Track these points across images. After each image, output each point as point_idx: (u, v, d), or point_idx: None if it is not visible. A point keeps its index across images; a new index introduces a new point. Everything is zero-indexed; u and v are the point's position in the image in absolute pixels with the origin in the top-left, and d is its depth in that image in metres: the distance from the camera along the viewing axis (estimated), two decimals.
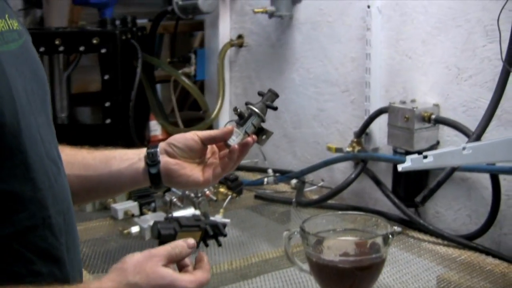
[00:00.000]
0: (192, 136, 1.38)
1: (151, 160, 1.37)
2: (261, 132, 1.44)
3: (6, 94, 1.03)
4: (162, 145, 1.39)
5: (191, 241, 1.16)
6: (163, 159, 1.37)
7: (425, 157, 1.53)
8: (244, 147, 1.39)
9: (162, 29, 3.10)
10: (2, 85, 1.03)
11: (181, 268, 1.16)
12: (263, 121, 1.42)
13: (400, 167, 1.55)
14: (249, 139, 1.38)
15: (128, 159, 1.38)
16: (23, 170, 1.06)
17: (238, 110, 1.42)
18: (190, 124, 3.06)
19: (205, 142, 1.38)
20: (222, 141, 1.39)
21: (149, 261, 1.09)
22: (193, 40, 3.63)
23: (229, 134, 1.38)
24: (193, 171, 1.38)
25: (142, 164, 1.37)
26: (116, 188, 1.45)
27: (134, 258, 1.09)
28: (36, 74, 1.17)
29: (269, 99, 1.43)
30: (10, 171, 1.04)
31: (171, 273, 1.09)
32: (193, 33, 3.58)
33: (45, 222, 1.09)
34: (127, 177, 1.39)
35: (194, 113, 3.28)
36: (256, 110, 1.40)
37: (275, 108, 1.43)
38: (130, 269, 1.07)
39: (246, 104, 1.44)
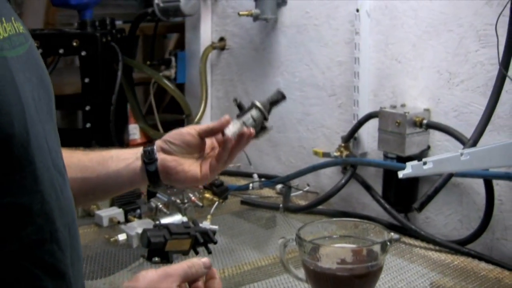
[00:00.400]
0: (189, 130, 1.39)
1: (148, 158, 1.38)
2: (261, 128, 1.44)
3: (15, 104, 1.00)
4: (158, 142, 1.40)
5: (207, 261, 1.14)
6: (160, 156, 1.38)
7: (425, 163, 1.53)
8: (240, 139, 1.39)
9: (140, 31, 3.07)
10: (12, 94, 1.00)
11: (191, 284, 1.15)
12: (265, 118, 1.42)
13: (400, 174, 1.54)
14: (245, 129, 1.39)
15: (125, 158, 1.39)
16: (32, 182, 1.03)
17: (238, 100, 1.42)
18: (168, 126, 3.04)
19: (202, 135, 1.39)
20: (219, 132, 1.39)
21: (164, 281, 1.07)
22: (167, 42, 3.62)
23: (226, 124, 1.38)
24: (191, 167, 1.39)
25: (139, 163, 1.38)
26: (115, 188, 1.45)
27: (147, 277, 1.08)
28: (42, 79, 1.15)
29: (274, 97, 1.43)
30: (19, 183, 1.01)
31: None
32: (167, 35, 3.57)
33: (52, 236, 1.06)
34: (125, 177, 1.39)
35: (171, 115, 3.26)
36: (257, 103, 1.40)
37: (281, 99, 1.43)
38: None
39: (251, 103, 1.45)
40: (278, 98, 1.46)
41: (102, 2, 3.00)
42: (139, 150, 1.39)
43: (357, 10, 2.22)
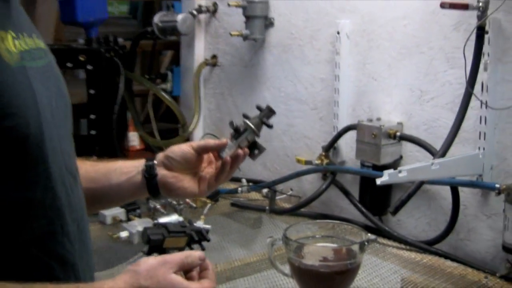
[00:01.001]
0: (188, 147, 1.37)
1: (149, 174, 1.35)
2: (254, 147, 1.43)
3: (31, 106, 1.02)
4: (160, 157, 1.37)
5: (202, 254, 1.15)
6: (161, 172, 1.35)
7: (400, 172, 1.56)
8: (236, 159, 1.38)
9: (138, 47, 3.08)
10: (29, 99, 1.02)
11: (186, 274, 1.15)
12: (257, 136, 1.42)
13: (378, 181, 1.57)
14: (240, 151, 1.38)
15: (127, 172, 1.37)
16: (45, 179, 1.05)
17: (234, 124, 1.41)
18: (164, 134, 3.05)
19: (199, 151, 1.37)
20: (215, 150, 1.38)
21: (162, 267, 1.08)
22: (162, 58, 3.62)
23: (223, 145, 1.37)
24: (190, 183, 1.37)
25: (140, 177, 1.36)
26: (117, 199, 1.43)
27: (148, 262, 1.08)
28: (60, 90, 1.16)
29: (266, 116, 1.42)
30: (33, 179, 1.03)
31: (181, 281, 1.07)
32: (161, 52, 3.57)
33: (63, 229, 1.08)
34: (127, 189, 1.37)
35: (167, 124, 3.26)
36: (252, 126, 1.39)
37: (271, 126, 1.42)
38: (143, 272, 1.06)
39: (244, 116, 1.43)
40: (270, 116, 1.45)
41: (106, 21, 3.00)
42: (142, 164, 1.37)
43: (338, 33, 2.24)
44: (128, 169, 1.37)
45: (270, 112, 1.43)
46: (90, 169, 1.35)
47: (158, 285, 1.05)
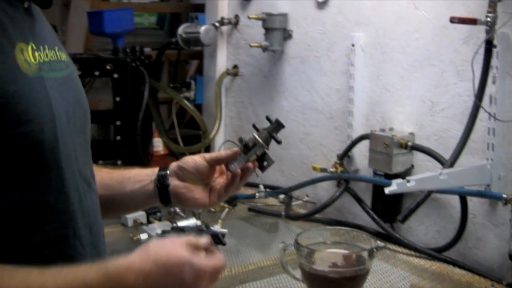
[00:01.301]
0: (200, 159, 1.35)
1: (161, 183, 1.33)
2: (263, 160, 1.41)
3: (47, 114, 1.03)
4: (173, 166, 1.35)
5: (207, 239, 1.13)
6: (173, 182, 1.33)
7: (408, 181, 1.54)
8: (245, 171, 1.35)
9: (164, 57, 3.08)
10: (44, 106, 1.03)
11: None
12: (266, 149, 1.39)
13: (387, 190, 1.55)
14: (249, 164, 1.35)
15: (140, 180, 1.35)
16: (59, 184, 1.05)
17: (244, 141, 1.37)
18: (187, 140, 3.05)
19: (211, 163, 1.35)
20: (225, 162, 1.37)
21: (171, 243, 1.06)
22: (188, 67, 3.63)
23: (234, 157, 1.35)
24: (201, 194, 1.35)
25: (152, 186, 1.34)
26: (131, 207, 1.42)
27: (157, 241, 1.07)
28: (79, 101, 1.16)
29: (275, 130, 1.39)
30: (47, 183, 1.03)
31: (190, 252, 1.05)
32: (188, 62, 3.58)
33: (75, 233, 1.08)
34: (139, 197, 1.36)
35: (190, 131, 3.26)
36: (260, 141, 1.36)
37: (279, 142, 1.39)
38: (154, 248, 1.04)
39: (254, 127, 1.40)
40: (279, 130, 1.42)
41: (134, 31, 3.01)
42: (155, 172, 1.35)
43: (353, 45, 2.22)
44: (141, 177, 1.36)
45: (278, 126, 1.40)
46: (106, 177, 1.35)
47: (168, 256, 1.03)
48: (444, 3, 1.92)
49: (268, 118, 1.41)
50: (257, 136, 1.36)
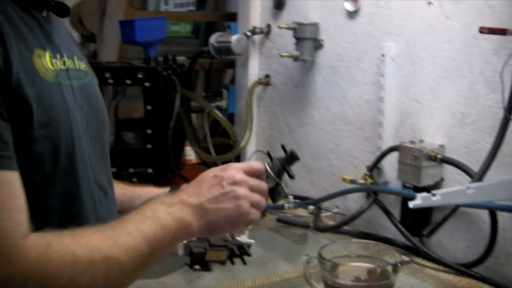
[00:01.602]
0: None
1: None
2: (275, 191, 1.39)
3: (64, 120, 1.05)
4: (184, 187, 1.34)
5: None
6: None
7: (434, 195, 1.51)
8: None
9: (198, 65, 3.09)
10: (61, 111, 1.05)
11: None
12: (278, 183, 1.37)
13: (411, 204, 1.52)
14: None
15: (150, 197, 1.35)
16: (73, 190, 1.07)
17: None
18: (220, 149, 3.05)
19: None
20: None
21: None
22: (224, 76, 3.64)
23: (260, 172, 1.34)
24: None
25: None
26: None
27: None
28: (95, 110, 1.18)
29: (289, 163, 1.37)
30: (62, 188, 1.04)
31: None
32: (224, 70, 3.58)
33: None
34: None
35: (224, 139, 3.26)
36: (273, 175, 1.35)
37: (292, 177, 1.37)
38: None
39: (268, 155, 1.38)
40: (292, 161, 1.40)
41: (169, 40, 3.03)
42: (165, 192, 1.37)
43: (383, 55, 2.20)
44: (151, 195, 1.37)
45: (293, 158, 1.38)
46: (119, 192, 1.36)
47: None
48: (474, 13, 1.89)
49: (283, 148, 1.40)
50: (269, 169, 1.35)
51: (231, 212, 1.15)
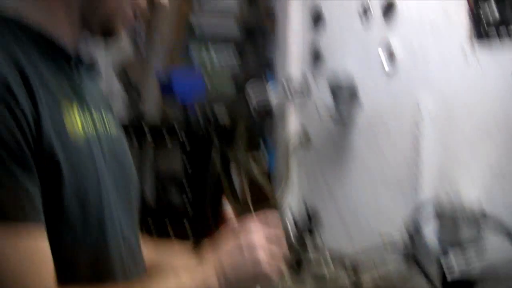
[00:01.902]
0: None
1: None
2: (299, 263, 1.38)
3: (93, 178, 1.05)
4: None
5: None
6: None
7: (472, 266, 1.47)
8: None
9: (237, 119, 3.11)
10: (90, 170, 1.05)
11: None
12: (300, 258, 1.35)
13: (449, 277, 1.48)
14: None
15: (175, 260, 1.35)
16: (101, 246, 1.06)
17: None
18: (259, 200, 3.03)
19: None
20: None
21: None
22: (264, 132, 3.64)
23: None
24: None
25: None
26: None
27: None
28: (123, 165, 1.17)
29: (311, 222, 1.36)
30: (90, 244, 1.04)
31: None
32: (264, 126, 3.59)
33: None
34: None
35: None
36: (298, 247, 1.34)
37: (314, 234, 1.36)
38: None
39: (294, 221, 1.36)
40: (314, 221, 1.38)
41: (209, 97, 3.06)
42: (190, 253, 1.34)
43: (421, 112, 2.20)
44: (177, 256, 1.36)
45: (312, 218, 1.37)
46: (148, 249, 1.35)
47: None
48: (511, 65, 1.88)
49: (305, 207, 1.39)
50: (294, 240, 1.34)
51: (252, 275, 1.15)
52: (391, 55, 2.37)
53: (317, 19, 2.80)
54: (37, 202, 0.95)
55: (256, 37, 4.12)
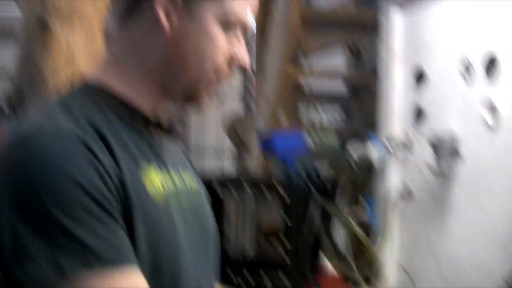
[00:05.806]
0: None
1: None
2: None
3: (171, 241, 1.05)
4: None
5: None
6: None
7: None
8: None
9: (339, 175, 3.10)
10: (170, 237, 1.05)
11: None
12: None
13: None
14: None
15: None
16: None
17: None
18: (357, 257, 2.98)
19: None
20: None
21: None
22: (366, 186, 3.60)
23: None
24: None
25: None
26: None
27: None
28: (202, 222, 1.18)
29: None
30: None
31: None
32: (365, 181, 3.56)
33: None
34: None
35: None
36: None
37: None
38: None
39: None
40: None
41: (312, 154, 3.07)
42: None
43: None
44: None
45: None
46: None
47: None
48: None
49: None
50: None
51: None
52: (493, 110, 2.31)
53: (419, 77, 2.80)
54: (129, 245, 0.97)
55: (361, 95, 4.15)
